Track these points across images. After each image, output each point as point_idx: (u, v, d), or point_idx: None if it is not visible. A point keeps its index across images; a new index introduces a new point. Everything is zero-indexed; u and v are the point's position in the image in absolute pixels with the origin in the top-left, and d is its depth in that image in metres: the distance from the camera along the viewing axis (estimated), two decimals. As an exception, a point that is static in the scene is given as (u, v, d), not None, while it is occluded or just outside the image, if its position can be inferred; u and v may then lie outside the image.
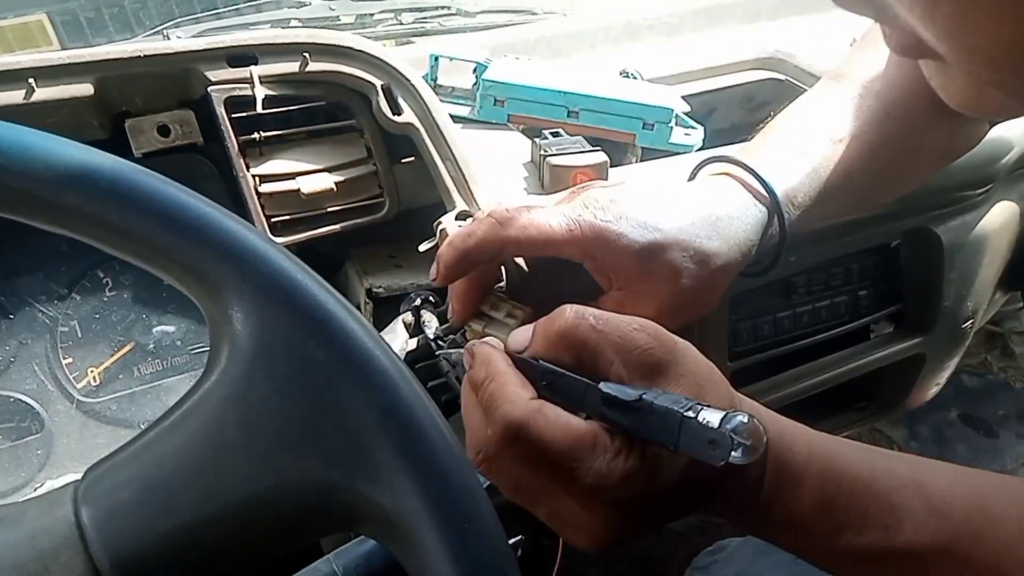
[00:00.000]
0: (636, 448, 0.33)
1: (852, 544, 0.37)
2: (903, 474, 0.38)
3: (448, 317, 0.51)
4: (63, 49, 0.90)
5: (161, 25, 0.79)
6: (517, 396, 0.35)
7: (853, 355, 0.74)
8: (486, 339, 0.42)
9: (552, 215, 0.43)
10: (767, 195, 0.47)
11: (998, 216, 0.76)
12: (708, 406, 0.31)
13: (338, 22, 0.91)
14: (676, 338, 0.37)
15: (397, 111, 0.57)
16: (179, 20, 0.82)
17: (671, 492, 0.35)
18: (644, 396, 0.32)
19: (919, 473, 0.39)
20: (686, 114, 0.71)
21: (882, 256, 0.73)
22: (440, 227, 0.55)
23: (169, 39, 0.80)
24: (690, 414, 0.31)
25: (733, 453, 0.29)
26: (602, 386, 0.34)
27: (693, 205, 0.47)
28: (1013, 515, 0.37)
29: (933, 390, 0.82)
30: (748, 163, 0.48)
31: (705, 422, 0.30)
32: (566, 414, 0.35)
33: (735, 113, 0.93)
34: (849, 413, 0.82)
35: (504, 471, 0.35)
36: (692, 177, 0.53)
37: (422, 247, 0.57)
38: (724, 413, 0.30)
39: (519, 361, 0.37)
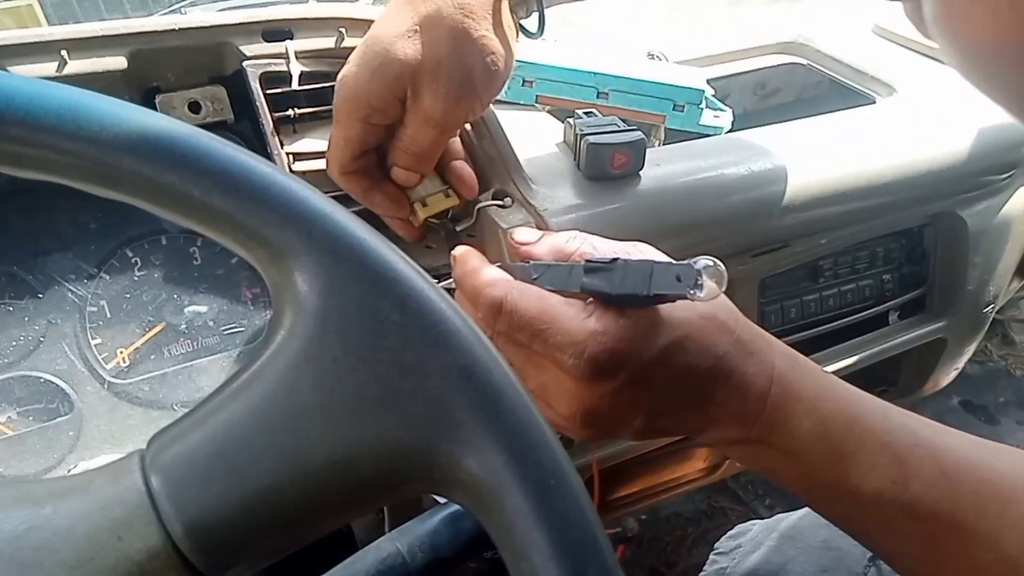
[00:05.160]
0: (609, 312, 0.36)
1: (859, 489, 0.37)
2: (919, 433, 0.39)
3: None
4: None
5: (178, 3, 0.78)
6: (494, 278, 0.39)
7: (877, 339, 0.74)
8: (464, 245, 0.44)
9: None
10: None
11: (1021, 201, 0.76)
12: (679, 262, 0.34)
13: None
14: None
15: (431, 88, 0.56)
16: None
17: (650, 364, 0.36)
18: (619, 258, 0.36)
19: (936, 436, 0.39)
20: (710, 97, 0.70)
21: (907, 240, 0.73)
22: (478, 207, 0.54)
23: (186, 16, 0.79)
24: (661, 261, 0.34)
25: (698, 280, 0.32)
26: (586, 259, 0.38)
27: None
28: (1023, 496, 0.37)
29: (952, 375, 0.83)
30: None
31: (673, 264, 0.34)
32: (538, 289, 0.38)
33: (748, 99, 0.92)
34: (870, 398, 0.82)
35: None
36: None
37: (458, 227, 0.56)
38: (693, 260, 0.33)
39: (514, 268, 0.41)
